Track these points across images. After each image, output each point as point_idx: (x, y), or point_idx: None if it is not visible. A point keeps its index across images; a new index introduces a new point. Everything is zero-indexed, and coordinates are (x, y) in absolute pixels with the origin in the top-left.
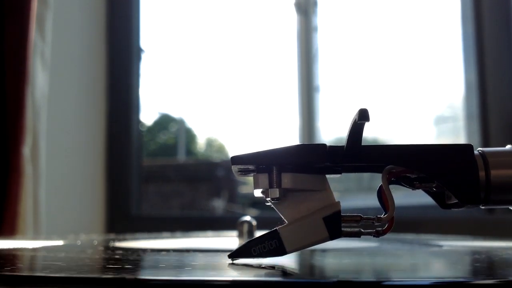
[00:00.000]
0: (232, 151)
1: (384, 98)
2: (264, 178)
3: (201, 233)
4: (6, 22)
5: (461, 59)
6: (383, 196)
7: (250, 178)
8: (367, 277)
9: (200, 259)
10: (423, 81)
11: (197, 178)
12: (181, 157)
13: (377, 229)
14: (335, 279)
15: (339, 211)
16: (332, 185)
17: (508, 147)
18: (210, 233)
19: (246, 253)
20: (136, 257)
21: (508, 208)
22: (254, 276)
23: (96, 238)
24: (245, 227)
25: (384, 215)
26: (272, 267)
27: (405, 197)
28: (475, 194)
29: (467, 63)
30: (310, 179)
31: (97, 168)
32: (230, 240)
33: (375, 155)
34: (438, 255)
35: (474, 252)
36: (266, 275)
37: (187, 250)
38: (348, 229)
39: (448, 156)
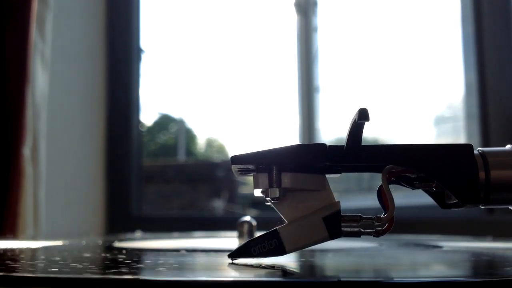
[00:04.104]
0: (232, 151)
1: (384, 98)
2: (264, 177)
3: (201, 234)
4: (6, 22)
5: (461, 59)
6: (383, 196)
7: (250, 178)
8: (368, 276)
9: (200, 259)
10: (423, 81)
11: (197, 179)
12: (181, 157)
13: (377, 229)
14: (336, 279)
15: (339, 211)
16: (332, 185)
17: (508, 147)
18: (210, 233)
19: (246, 253)
20: (136, 257)
21: (508, 208)
22: (254, 276)
23: (94, 238)
24: (245, 227)
25: (384, 215)
26: (272, 267)
27: (405, 197)
28: (475, 194)
29: (467, 63)
30: (310, 179)
31: (97, 169)
32: (230, 240)
33: (375, 154)
34: (438, 255)
35: (474, 252)
36: (266, 275)
37: (187, 250)
38: (348, 229)
39: (448, 156)
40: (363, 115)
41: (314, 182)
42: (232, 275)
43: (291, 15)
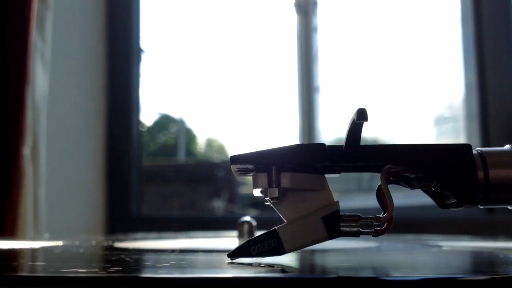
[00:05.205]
0: (232, 151)
1: (384, 98)
2: (263, 177)
3: (201, 234)
4: (7, 22)
5: (461, 59)
6: (382, 196)
7: (250, 178)
8: (366, 274)
9: (200, 259)
10: (423, 81)
11: (197, 179)
12: (181, 157)
13: (376, 228)
14: (335, 275)
15: (338, 211)
16: (332, 185)
17: (506, 147)
18: (210, 233)
19: (245, 252)
20: (135, 257)
21: (507, 207)
22: (254, 273)
23: (95, 238)
24: (245, 227)
25: (383, 214)
26: (271, 266)
27: (405, 197)
28: (474, 194)
29: (467, 63)
30: (309, 179)
31: (97, 169)
32: (230, 240)
33: (374, 154)
34: (437, 255)
35: (474, 252)
36: (266, 272)
37: (187, 250)
38: (347, 229)
39: (447, 156)
40: (361, 115)
41: (313, 182)
42: (231, 273)
43: (291, 15)
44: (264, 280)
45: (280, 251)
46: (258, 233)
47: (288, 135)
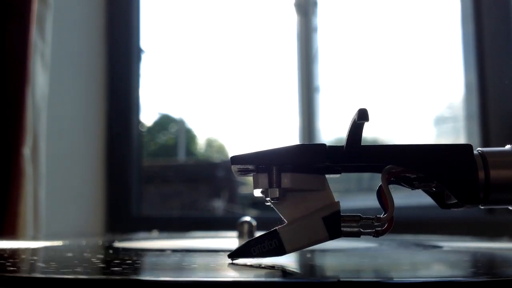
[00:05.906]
0: (232, 151)
1: (384, 98)
2: (263, 178)
3: (201, 234)
4: (7, 22)
5: (461, 59)
6: (383, 196)
7: (250, 178)
8: (368, 277)
9: (200, 259)
10: (423, 81)
11: (197, 179)
12: (181, 157)
13: (376, 229)
14: (336, 279)
15: (339, 211)
16: (332, 186)
17: (507, 147)
18: (210, 233)
19: (246, 253)
20: (135, 257)
21: (508, 208)
22: (254, 276)
23: (95, 238)
24: (245, 228)
25: (383, 215)
26: (272, 267)
27: (405, 197)
28: (475, 194)
29: (467, 64)
30: (309, 179)
31: (97, 169)
32: (230, 240)
33: (375, 155)
34: (438, 256)
35: (474, 253)
36: (266, 275)
37: (187, 251)
38: (348, 229)
39: (447, 156)
40: (362, 115)
41: (314, 182)
42: (231, 275)
43: (291, 15)
44: (265, 284)
45: (281, 252)
46: (258, 233)
47: (288, 135)
